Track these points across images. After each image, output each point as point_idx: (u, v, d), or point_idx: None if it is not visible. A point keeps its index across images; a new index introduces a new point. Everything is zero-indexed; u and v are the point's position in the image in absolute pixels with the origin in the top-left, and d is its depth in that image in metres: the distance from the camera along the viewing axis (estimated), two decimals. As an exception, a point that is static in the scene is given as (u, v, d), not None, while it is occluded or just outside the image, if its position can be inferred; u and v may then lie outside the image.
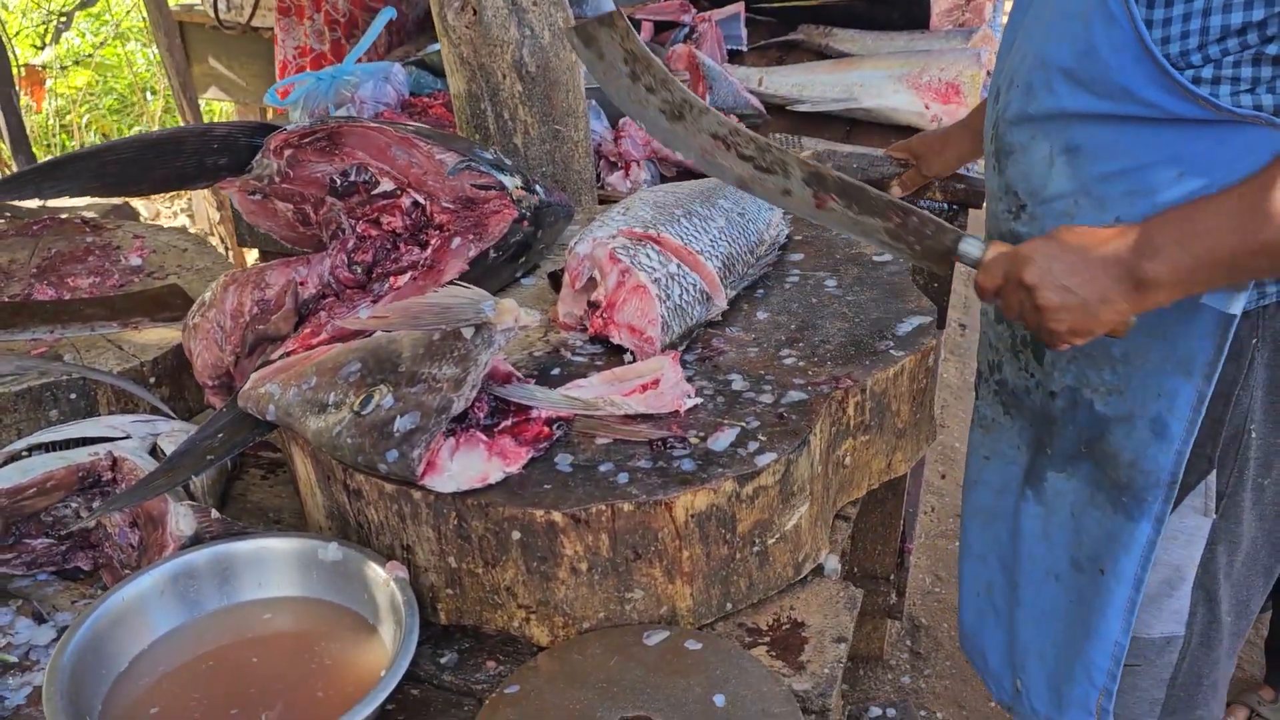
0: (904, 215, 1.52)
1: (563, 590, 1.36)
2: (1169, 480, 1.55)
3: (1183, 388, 1.50)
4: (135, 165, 1.53)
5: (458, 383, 1.34)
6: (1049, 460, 1.72)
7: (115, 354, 1.86)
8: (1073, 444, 1.66)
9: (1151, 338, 1.50)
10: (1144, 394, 1.54)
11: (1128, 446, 1.58)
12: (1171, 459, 1.54)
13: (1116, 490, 1.61)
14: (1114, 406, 1.59)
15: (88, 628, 1.29)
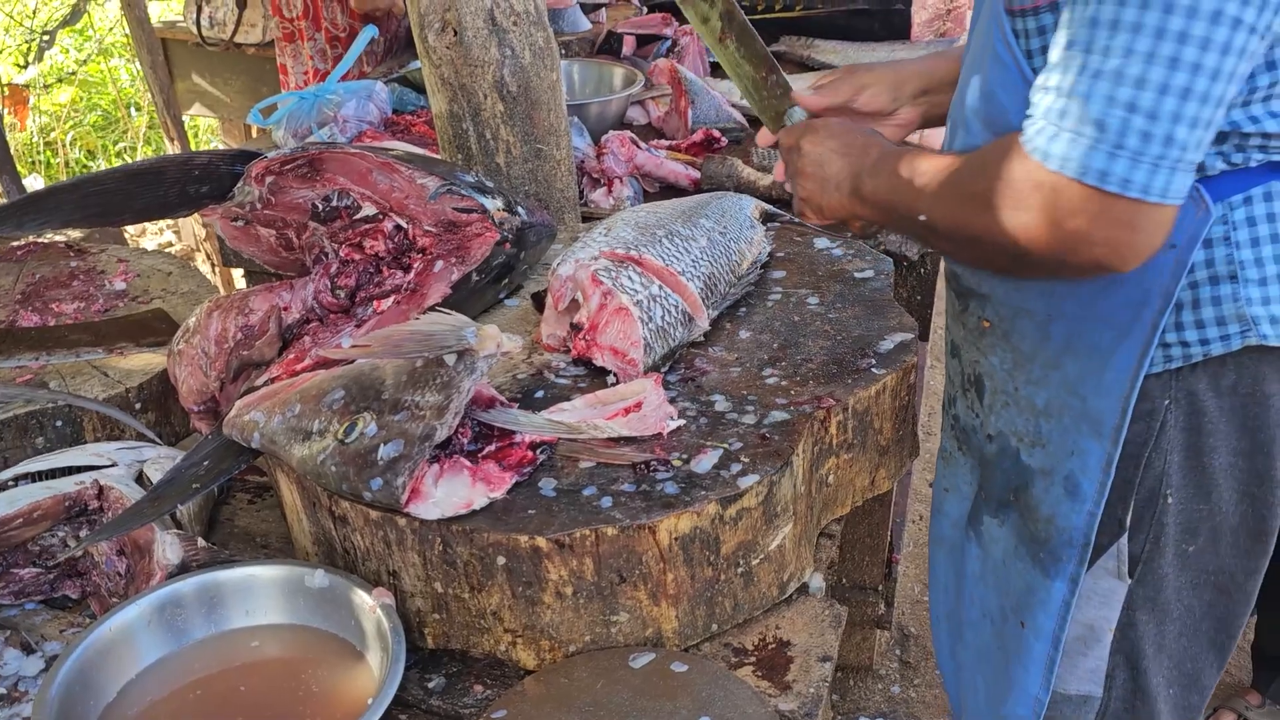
0: (770, 72, 1.75)
1: (548, 614, 1.36)
2: (1082, 541, 1.52)
3: (1094, 448, 1.47)
4: (118, 196, 1.53)
5: (441, 410, 1.35)
6: (984, 504, 1.68)
7: (101, 380, 1.86)
8: (1003, 491, 1.63)
9: (1068, 394, 1.48)
10: (1061, 450, 1.51)
11: (1045, 501, 1.55)
12: (1084, 519, 1.50)
13: (1035, 545, 1.58)
14: (1037, 459, 1.55)
15: (76, 658, 1.30)
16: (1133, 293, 1.38)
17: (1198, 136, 1.19)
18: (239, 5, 4.83)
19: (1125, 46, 1.17)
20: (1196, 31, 1.14)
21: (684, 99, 2.96)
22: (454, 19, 2.06)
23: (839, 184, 1.53)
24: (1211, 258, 1.37)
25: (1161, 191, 1.19)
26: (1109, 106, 1.18)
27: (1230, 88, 1.18)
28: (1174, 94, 1.16)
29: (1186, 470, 1.47)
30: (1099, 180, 1.19)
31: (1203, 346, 1.40)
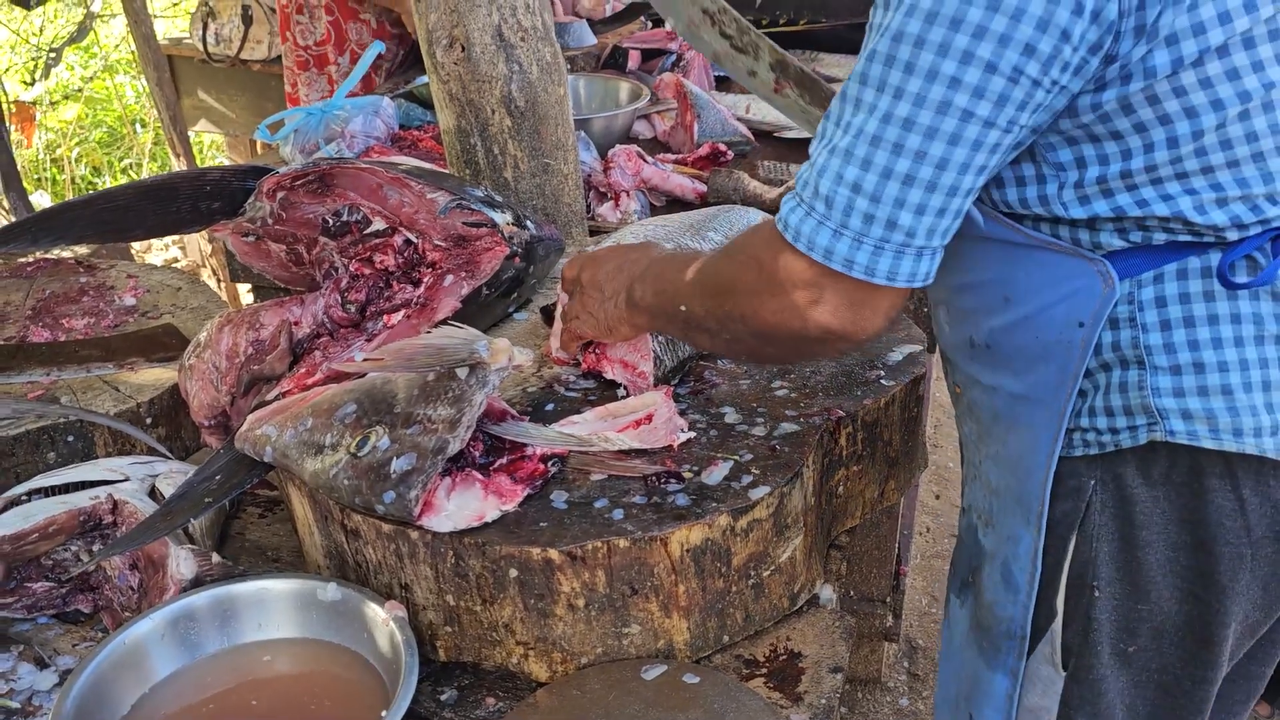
0: None
1: (560, 626, 1.37)
2: (1019, 633, 1.43)
3: (1024, 536, 1.40)
4: (130, 212, 1.54)
5: (453, 423, 1.35)
6: (952, 581, 1.62)
7: (112, 395, 1.87)
8: (965, 570, 1.57)
9: (1009, 474, 1.41)
10: (1002, 534, 1.45)
11: (989, 587, 1.48)
12: (1019, 610, 1.43)
13: (981, 632, 1.50)
14: (988, 539, 1.48)
15: (90, 672, 1.30)
16: (1053, 371, 1.32)
17: (927, 224, 1.18)
18: (245, 22, 4.85)
19: (858, 127, 1.17)
20: (922, 120, 1.14)
21: (690, 113, 2.97)
22: (462, 35, 2.07)
23: (614, 296, 1.53)
24: (1118, 340, 1.29)
25: (888, 275, 1.19)
26: (837, 184, 1.18)
27: (966, 177, 1.17)
28: (896, 179, 1.16)
29: (1120, 564, 1.34)
30: (824, 257, 1.20)
31: (1112, 435, 1.31)
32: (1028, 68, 1.12)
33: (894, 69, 1.14)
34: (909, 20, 1.13)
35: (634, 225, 1.95)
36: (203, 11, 4.99)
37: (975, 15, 1.10)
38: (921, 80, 1.13)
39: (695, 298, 1.39)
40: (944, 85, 1.12)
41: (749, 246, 1.32)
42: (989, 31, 1.10)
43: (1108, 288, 1.26)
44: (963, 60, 1.11)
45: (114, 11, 6.61)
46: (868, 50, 1.18)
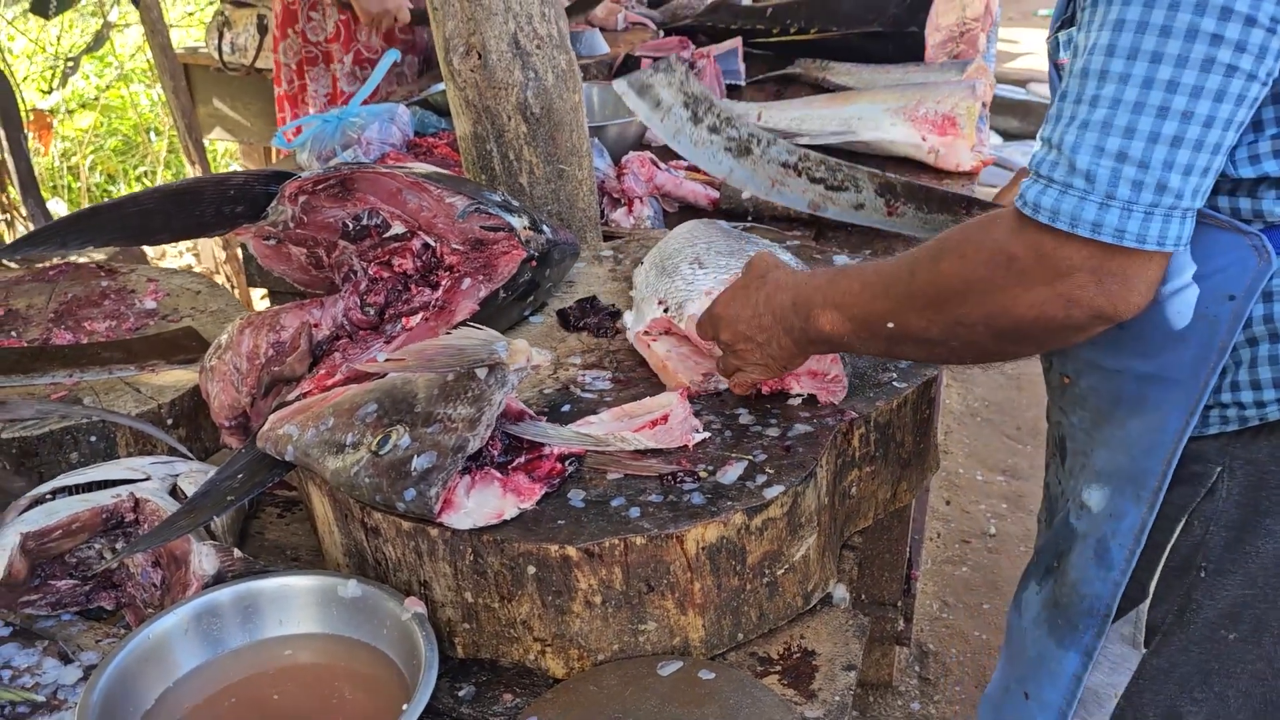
0: (969, 205, 1.60)
1: (577, 623, 1.39)
2: (1103, 611, 1.44)
3: (1130, 511, 1.40)
4: (157, 215, 1.57)
5: (473, 422, 1.37)
6: (1034, 569, 1.61)
7: (133, 396, 1.90)
8: (1050, 557, 1.55)
9: (1123, 455, 1.41)
10: (1103, 513, 1.44)
11: (1076, 566, 1.48)
12: (1108, 588, 1.43)
13: (1055, 610, 1.51)
14: (1083, 521, 1.48)
15: (116, 665, 1.33)
16: (1193, 348, 1.31)
17: (1194, 183, 1.17)
18: (260, 31, 4.90)
19: (1114, 96, 1.16)
20: (1187, 80, 1.13)
21: (702, 120, 2.99)
22: (478, 43, 2.10)
23: (772, 338, 1.50)
24: (1271, 313, 1.29)
25: (1158, 239, 1.17)
26: (1098, 157, 1.17)
27: (1229, 134, 1.16)
28: (1165, 142, 1.15)
29: (1233, 547, 1.35)
30: (1092, 231, 1.18)
31: (1259, 410, 1.31)
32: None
33: (1147, 34, 1.14)
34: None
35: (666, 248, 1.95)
36: (218, 21, 5.03)
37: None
38: (1181, 41, 1.12)
39: (909, 312, 1.34)
40: (1205, 43, 1.12)
41: (984, 241, 1.27)
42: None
43: (1263, 261, 1.26)
44: (1221, 16, 1.11)
45: (130, 21, 6.66)
46: (1109, 21, 1.17)
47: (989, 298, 1.26)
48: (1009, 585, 3.49)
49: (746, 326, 1.52)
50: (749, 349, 1.53)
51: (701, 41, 3.83)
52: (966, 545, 3.69)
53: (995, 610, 3.39)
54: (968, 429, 4.32)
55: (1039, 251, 1.22)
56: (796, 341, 1.48)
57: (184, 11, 7.86)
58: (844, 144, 3.01)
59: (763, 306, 1.50)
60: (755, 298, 1.51)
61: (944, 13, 3.47)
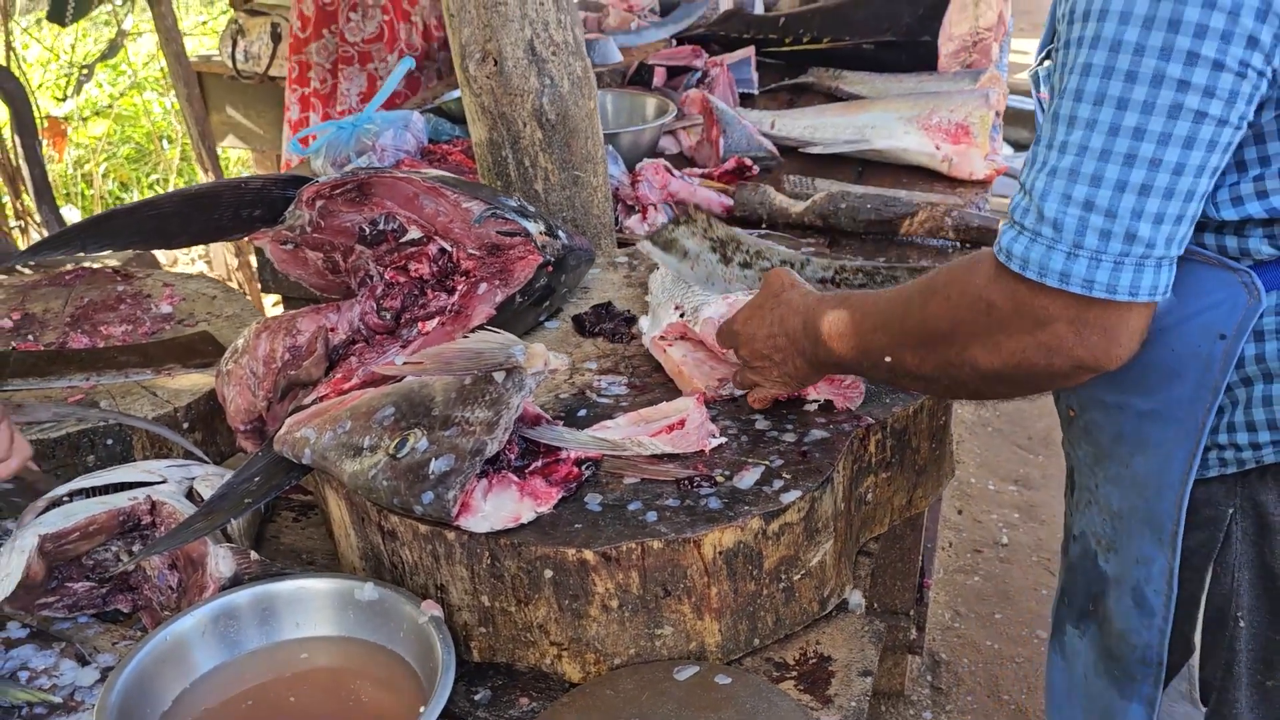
0: None
1: (594, 627, 1.39)
2: (1156, 659, 1.41)
3: (1156, 556, 1.37)
4: (175, 219, 1.58)
5: (490, 426, 1.38)
6: (1066, 611, 1.58)
7: (149, 400, 1.90)
8: (1084, 599, 1.52)
9: (1136, 495, 1.39)
10: (1129, 557, 1.41)
11: (1118, 614, 1.44)
12: (1154, 635, 1.40)
13: (1111, 661, 1.47)
14: (1112, 565, 1.45)
15: (135, 666, 1.33)
16: (1188, 386, 1.29)
17: (1166, 232, 1.14)
18: (273, 39, 4.91)
19: (1080, 143, 1.14)
20: (1154, 127, 1.11)
21: (715, 128, 3.00)
22: (495, 49, 2.11)
23: (788, 359, 1.51)
24: (1262, 352, 1.27)
25: (1130, 290, 1.15)
26: (1065, 205, 1.15)
27: (1202, 180, 1.14)
28: (1132, 190, 1.12)
29: (1260, 591, 1.32)
30: (1060, 282, 1.16)
31: (1254, 452, 1.29)
32: (1253, 60, 1.09)
33: (1113, 80, 1.11)
34: (1123, 28, 1.10)
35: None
36: (232, 29, 5.06)
37: (1193, 14, 1.07)
38: (1147, 87, 1.10)
39: (903, 349, 1.35)
40: (1172, 89, 1.09)
41: (966, 286, 1.26)
42: (1210, 29, 1.07)
43: (1253, 299, 1.23)
44: (1188, 62, 1.08)
45: (144, 29, 6.69)
46: (1077, 65, 1.14)
47: (974, 342, 1.26)
48: (1021, 595, 3.48)
49: (763, 345, 1.53)
50: (766, 366, 1.54)
51: (714, 50, 3.84)
52: (979, 555, 3.68)
53: (1007, 620, 3.38)
54: (979, 438, 4.31)
55: (1016, 300, 1.21)
56: (810, 363, 1.50)
57: (197, 20, 7.89)
58: (857, 152, 3.02)
59: (777, 327, 1.51)
60: (770, 318, 1.52)
61: (957, 22, 3.47)
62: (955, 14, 3.45)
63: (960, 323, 1.27)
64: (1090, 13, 1.13)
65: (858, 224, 2.54)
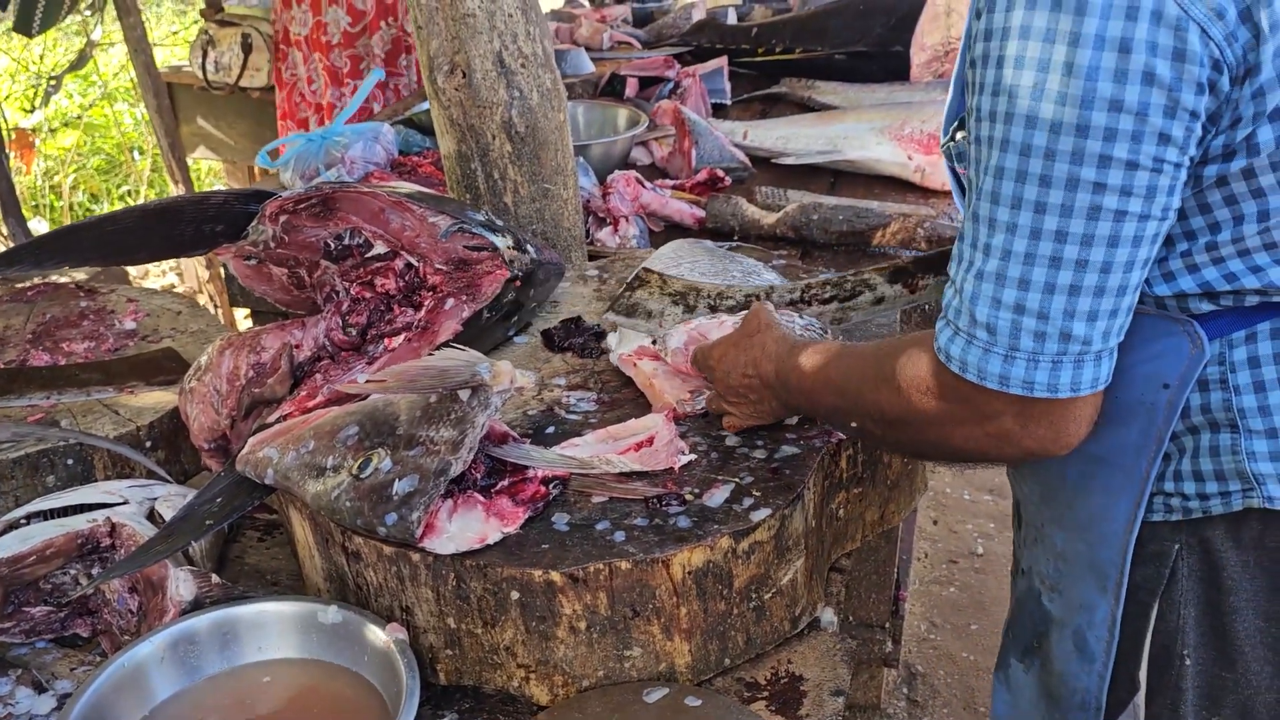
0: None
1: (562, 649, 1.37)
2: (1094, 704, 1.38)
3: (1099, 603, 1.35)
4: (135, 234, 1.55)
5: (455, 445, 1.35)
6: (1012, 645, 1.56)
7: (112, 419, 1.87)
8: (1029, 634, 1.50)
9: (1079, 540, 1.37)
10: (1072, 601, 1.39)
11: (1059, 656, 1.42)
12: (1094, 681, 1.38)
13: (1050, 702, 1.45)
14: (1056, 606, 1.43)
15: (92, 693, 1.30)
16: (1134, 434, 1.28)
17: (1102, 327, 1.14)
18: (244, 50, 4.89)
19: (1004, 247, 1.13)
20: (1075, 229, 1.09)
21: (688, 139, 2.99)
22: (463, 61, 2.09)
23: (762, 400, 1.53)
24: (1207, 402, 1.25)
25: (1071, 386, 1.15)
26: (995, 310, 1.14)
27: (1133, 274, 1.13)
28: (1062, 292, 1.11)
29: (1206, 629, 1.29)
30: (1000, 384, 1.16)
31: (1202, 502, 1.26)
32: (1168, 155, 1.08)
33: (1027, 185, 1.10)
34: (1030, 132, 1.09)
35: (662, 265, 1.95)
36: (202, 39, 5.03)
37: (1100, 119, 1.06)
38: (1063, 190, 1.09)
39: (867, 420, 1.35)
40: (1089, 192, 1.08)
41: (912, 379, 1.26)
42: (1119, 132, 1.06)
43: (1196, 349, 1.22)
44: (1101, 164, 1.07)
45: (114, 40, 6.64)
46: (990, 167, 1.13)
47: (927, 429, 1.28)
48: (996, 606, 3.47)
49: (738, 383, 1.54)
50: (740, 402, 1.55)
51: (687, 60, 3.83)
52: (954, 565, 3.68)
53: (983, 631, 3.38)
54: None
55: (960, 395, 1.21)
56: (784, 405, 1.52)
57: (168, 30, 7.84)
58: (829, 163, 3.01)
59: (752, 370, 1.52)
60: (745, 359, 1.53)
61: (929, 32, 3.48)
62: (927, 24, 3.46)
63: (912, 412, 1.27)
64: (996, 113, 1.12)
65: (830, 235, 2.54)
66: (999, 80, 1.11)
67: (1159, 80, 1.05)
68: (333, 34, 4.30)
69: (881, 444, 1.42)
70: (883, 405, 1.32)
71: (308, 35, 4.37)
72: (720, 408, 1.59)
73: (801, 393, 1.46)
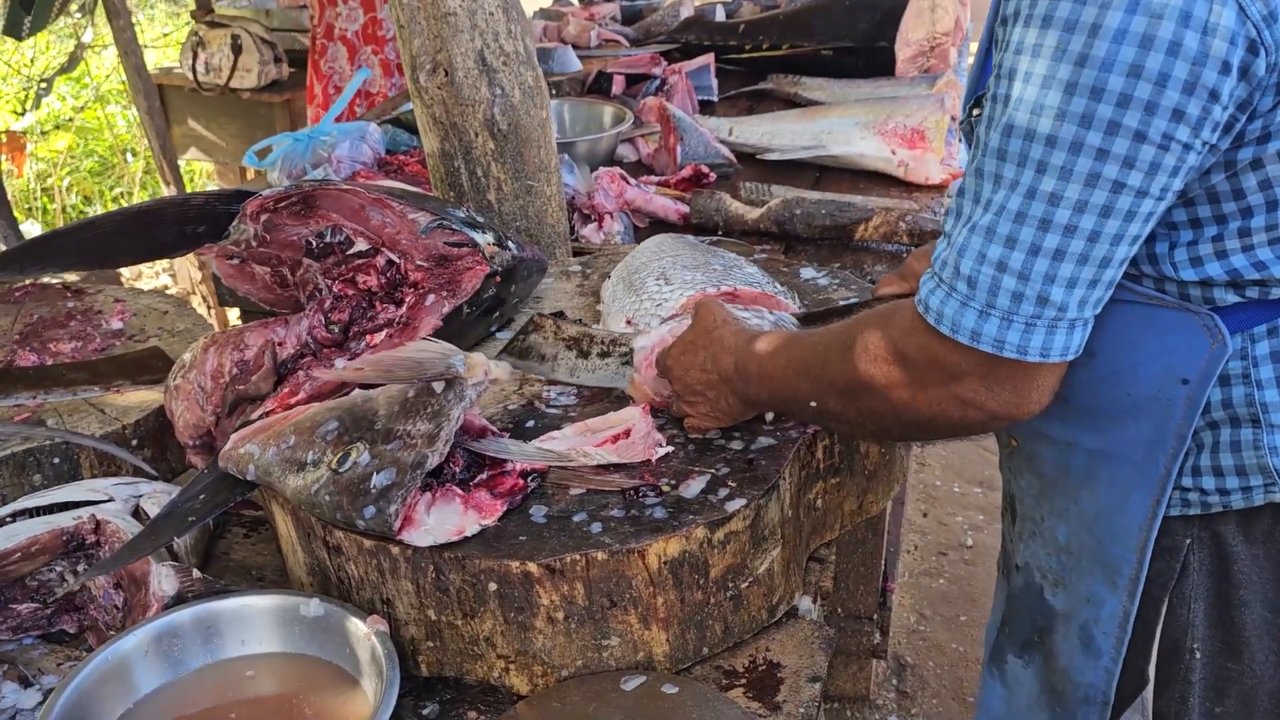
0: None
1: (540, 639, 1.38)
2: (1100, 699, 1.39)
3: (1109, 599, 1.35)
4: (118, 238, 1.56)
5: (431, 438, 1.37)
6: (1008, 640, 1.56)
7: (98, 417, 1.88)
8: (1028, 629, 1.50)
9: (1086, 534, 1.37)
10: (1078, 595, 1.39)
11: (1063, 650, 1.42)
12: (1100, 675, 1.38)
13: (1053, 697, 1.45)
14: (1060, 600, 1.43)
15: (73, 689, 1.31)
16: (1146, 429, 1.27)
17: (1079, 296, 1.14)
18: (234, 51, 4.90)
19: (1000, 203, 1.13)
20: (1070, 194, 1.09)
21: (673, 136, 3.00)
22: (445, 60, 2.11)
23: (720, 397, 1.51)
24: (1229, 397, 1.24)
25: (1041, 351, 1.15)
26: (979, 264, 1.15)
27: (1119, 248, 1.12)
28: (1046, 255, 1.12)
29: (1213, 621, 1.30)
30: (971, 340, 1.16)
31: (1222, 497, 1.26)
32: (1178, 133, 1.07)
33: (1035, 143, 1.10)
34: (1045, 92, 1.08)
35: (632, 262, 1.96)
36: (193, 41, 5.04)
37: (1117, 84, 1.05)
38: (1065, 153, 1.08)
39: (826, 395, 1.35)
40: (1090, 157, 1.08)
41: (883, 338, 1.26)
42: (1134, 99, 1.05)
43: (1216, 344, 1.21)
44: (1108, 131, 1.06)
45: (105, 42, 6.65)
46: (1000, 124, 1.13)
47: (891, 393, 1.27)
48: (986, 597, 3.49)
49: (695, 382, 1.52)
50: (698, 401, 1.54)
51: (674, 57, 3.85)
52: (943, 557, 3.69)
53: (972, 622, 3.39)
54: (944, 442, 4.33)
55: (929, 354, 1.21)
56: (743, 401, 1.50)
57: (159, 32, 7.85)
58: (814, 158, 3.03)
59: (710, 365, 1.50)
60: (703, 355, 1.52)
61: (914, 28, 3.49)
62: (912, 20, 3.47)
63: (879, 375, 1.27)
64: (1015, 72, 1.12)
65: (813, 230, 2.55)
66: (1024, 37, 1.11)
67: (1184, 52, 1.04)
68: (388, 29, 4.57)
69: (841, 422, 1.40)
70: (847, 375, 1.31)
71: (359, 30, 4.58)
72: (680, 410, 1.57)
73: (761, 379, 1.44)
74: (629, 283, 1.90)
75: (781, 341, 1.44)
